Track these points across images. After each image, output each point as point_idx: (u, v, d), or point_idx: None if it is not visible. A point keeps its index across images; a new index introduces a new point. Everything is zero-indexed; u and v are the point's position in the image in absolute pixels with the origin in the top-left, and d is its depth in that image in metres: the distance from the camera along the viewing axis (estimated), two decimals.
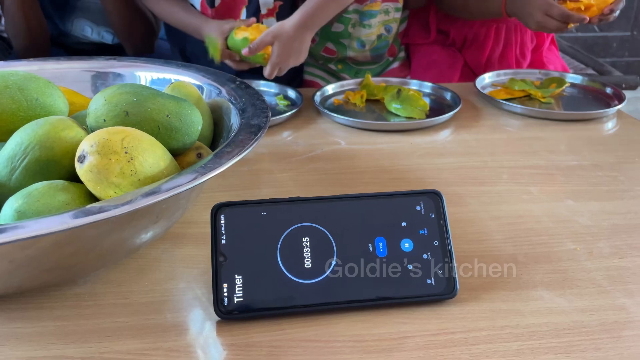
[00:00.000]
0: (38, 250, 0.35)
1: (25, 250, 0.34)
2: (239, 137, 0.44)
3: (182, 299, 0.42)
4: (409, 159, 0.67)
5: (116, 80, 0.58)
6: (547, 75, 0.94)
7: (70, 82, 0.58)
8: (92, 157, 0.36)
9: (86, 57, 0.61)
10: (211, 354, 0.37)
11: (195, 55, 1.03)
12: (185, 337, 0.38)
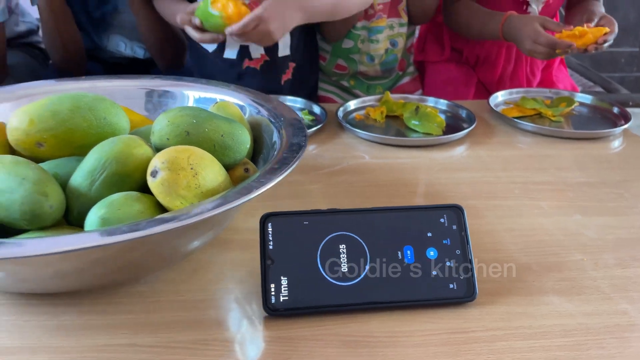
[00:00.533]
0: (115, 251, 0.40)
1: (107, 251, 0.40)
2: (282, 155, 0.50)
3: (232, 297, 0.48)
4: (428, 173, 0.72)
5: (166, 97, 0.64)
6: (557, 94, 0.99)
7: (121, 99, 0.64)
8: (163, 172, 0.42)
9: (135, 76, 0.67)
10: (260, 345, 0.43)
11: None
12: (237, 330, 0.44)
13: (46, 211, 0.41)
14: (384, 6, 1.07)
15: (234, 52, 1.01)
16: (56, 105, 0.48)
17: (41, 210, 0.41)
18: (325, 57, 1.12)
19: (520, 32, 0.94)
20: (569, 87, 1.13)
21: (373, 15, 1.08)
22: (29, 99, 0.62)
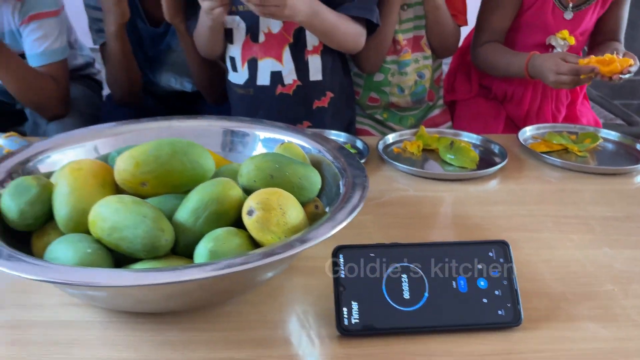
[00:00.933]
0: (218, 278, 0.48)
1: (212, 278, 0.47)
2: (350, 194, 0.57)
3: (307, 317, 0.55)
4: (466, 206, 0.79)
5: (239, 137, 0.72)
6: (582, 129, 1.06)
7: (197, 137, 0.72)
8: (258, 212, 0.50)
9: (211, 117, 0.75)
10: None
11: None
12: (315, 347, 0.51)
13: (162, 244, 0.49)
14: (407, 41, 1.16)
15: (267, 79, 1.07)
16: (157, 150, 0.57)
17: (159, 243, 0.49)
18: (358, 92, 1.20)
19: (542, 67, 1.01)
20: (592, 121, 1.20)
21: (400, 50, 1.16)
22: (117, 137, 0.71)
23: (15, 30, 1.12)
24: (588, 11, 1.11)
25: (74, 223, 0.53)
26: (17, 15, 1.10)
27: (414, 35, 1.15)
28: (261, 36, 1.04)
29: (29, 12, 1.10)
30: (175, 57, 1.19)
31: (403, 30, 1.14)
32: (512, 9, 1.12)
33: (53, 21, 1.12)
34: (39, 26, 1.10)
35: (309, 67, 1.06)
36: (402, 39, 1.13)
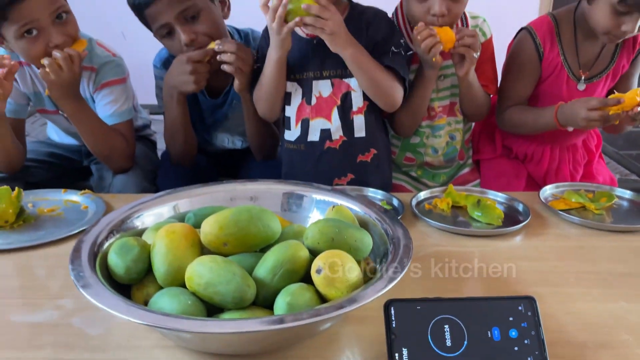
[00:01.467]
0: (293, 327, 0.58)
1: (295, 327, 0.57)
2: (397, 254, 0.67)
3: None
4: (493, 261, 0.88)
5: (297, 199, 0.83)
6: (598, 188, 1.15)
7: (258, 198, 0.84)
8: (325, 270, 0.61)
9: (269, 180, 0.87)
10: None
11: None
12: None
13: (248, 297, 0.60)
14: (443, 108, 1.28)
15: (317, 136, 1.19)
16: (236, 216, 0.68)
17: (246, 296, 0.59)
18: (395, 152, 1.32)
19: (572, 109, 1.12)
20: (608, 178, 1.30)
21: (435, 116, 1.28)
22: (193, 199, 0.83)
23: (89, 97, 1.27)
24: (599, 83, 1.23)
25: (170, 278, 0.64)
26: (91, 84, 1.26)
27: (450, 102, 1.27)
28: (313, 99, 1.17)
29: (101, 81, 1.26)
30: (230, 122, 1.34)
31: (440, 98, 1.27)
32: (532, 78, 1.24)
33: (121, 87, 1.28)
34: (110, 92, 1.26)
35: (354, 125, 1.18)
36: (437, 106, 1.26)
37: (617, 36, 1.13)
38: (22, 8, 1.08)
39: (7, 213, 0.96)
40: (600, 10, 1.11)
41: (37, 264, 0.87)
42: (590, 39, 1.20)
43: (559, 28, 1.23)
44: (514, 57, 1.28)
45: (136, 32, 2.07)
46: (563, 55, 1.23)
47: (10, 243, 0.91)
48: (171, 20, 1.14)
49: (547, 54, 1.23)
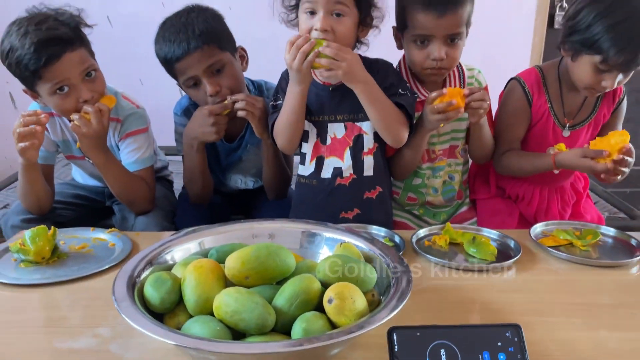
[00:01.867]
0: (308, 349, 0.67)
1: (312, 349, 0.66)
2: (399, 287, 0.76)
3: None
4: (487, 293, 0.97)
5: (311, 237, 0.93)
6: (584, 226, 1.24)
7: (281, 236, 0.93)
8: (336, 300, 0.70)
9: (283, 219, 0.97)
10: None
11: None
12: None
13: (269, 323, 0.69)
14: (443, 151, 1.39)
15: (329, 173, 1.30)
16: (256, 252, 0.78)
17: (267, 323, 0.68)
18: (398, 192, 1.42)
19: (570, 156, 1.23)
20: (595, 217, 1.39)
21: (435, 158, 1.39)
22: (216, 236, 0.92)
23: (114, 145, 1.39)
24: (582, 130, 1.34)
25: (200, 307, 0.74)
26: (117, 133, 1.38)
27: (450, 145, 1.38)
28: (328, 140, 1.28)
29: (126, 131, 1.38)
30: (243, 165, 1.45)
31: (441, 142, 1.38)
32: (524, 123, 1.36)
33: (143, 136, 1.39)
34: (133, 141, 1.37)
35: (364, 164, 1.29)
36: (438, 149, 1.37)
37: (597, 90, 1.25)
38: (55, 68, 1.20)
39: (44, 250, 1.06)
40: (583, 67, 1.23)
41: (73, 297, 0.96)
42: (574, 90, 1.32)
43: (545, 79, 1.35)
44: (506, 104, 1.40)
45: (152, 79, 2.23)
46: (550, 104, 1.34)
47: (48, 277, 1.00)
48: (199, 73, 1.27)
49: (536, 101, 1.35)
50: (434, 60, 1.24)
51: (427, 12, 1.21)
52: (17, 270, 1.04)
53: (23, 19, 1.23)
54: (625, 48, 1.17)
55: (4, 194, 1.88)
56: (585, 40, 1.20)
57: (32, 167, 1.26)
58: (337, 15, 1.15)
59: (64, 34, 1.21)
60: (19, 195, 1.34)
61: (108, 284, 0.97)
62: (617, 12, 1.17)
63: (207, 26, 1.27)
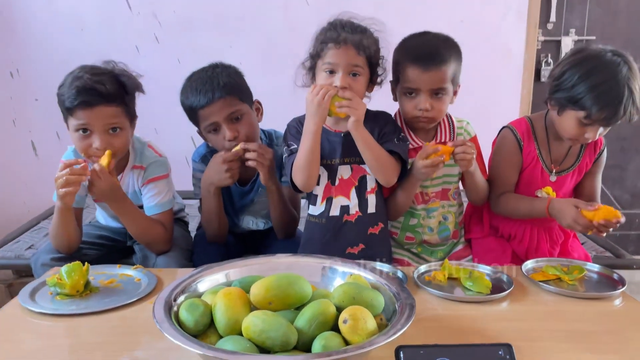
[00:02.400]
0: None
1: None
2: (405, 311, 0.87)
3: None
4: (482, 322, 1.07)
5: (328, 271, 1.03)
6: (571, 263, 1.35)
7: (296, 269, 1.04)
8: (350, 321, 0.80)
9: (299, 254, 1.08)
10: None
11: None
12: None
13: (292, 341, 0.79)
14: (436, 194, 1.51)
15: (338, 211, 1.41)
16: (278, 281, 0.89)
17: (290, 340, 0.79)
18: (397, 232, 1.54)
19: (562, 212, 1.35)
20: (582, 255, 1.50)
21: (428, 200, 1.51)
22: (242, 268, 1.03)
23: (137, 190, 1.52)
24: (568, 176, 1.48)
25: (229, 329, 0.84)
26: (140, 179, 1.50)
27: (442, 189, 1.51)
28: (337, 181, 1.41)
29: (148, 177, 1.51)
30: (256, 206, 1.57)
31: (433, 185, 1.50)
32: (517, 167, 1.50)
33: (164, 182, 1.52)
34: (155, 186, 1.50)
35: (368, 202, 1.41)
36: (431, 192, 1.49)
37: (580, 141, 1.39)
38: (85, 113, 1.35)
39: (79, 284, 1.16)
40: (568, 121, 1.37)
41: (108, 324, 1.05)
42: (559, 139, 1.46)
43: (534, 128, 1.49)
44: (499, 149, 1.53)
45: (166, 129, 2.38)
46: (538, 150, 1.48)
47: (84, 308, 1.10)
48: (220, 120, 1.42)
49: (526, 147, 1.49)
50: (420, 110, 1.38)
51: (414, 67, 1.37)
52: (54, 302, 1.14)
53: (88, 66, 1.40)
54: (606, 106, 1.30)
55: (29, 236, 1.98)
56: (570, 97, 1.34)
57: (68, 210, 1.38)
58: (354, 75, 1.32)
59: (106, 89, 1.36)
60: (51, 235, 1.45)
61: (138, 314, 1.08)
62: (598, 75, 1.31)
63: (230, 80, 1.44)
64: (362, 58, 1.32)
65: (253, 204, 1.58)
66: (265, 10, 2.52)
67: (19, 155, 2.60)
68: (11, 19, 2.49)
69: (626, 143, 2.77)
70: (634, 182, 2.84)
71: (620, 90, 1.29)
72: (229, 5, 2.50)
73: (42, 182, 2.52)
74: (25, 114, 2.56)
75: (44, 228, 2.06)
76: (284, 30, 2.50)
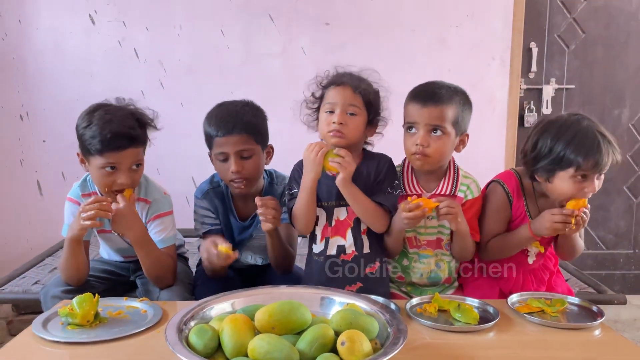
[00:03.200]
0: None
1: None
2: (399, 337, 0.95)
3: None
4: (471, 350, 1.14)
5: (322, 299, 1.11)
6: (554, 296, 1.43)
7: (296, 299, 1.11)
8: (347, 343, 0.88)
9: (301, 286, 1.17)
10: None
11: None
12: None
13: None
14: (428, 242, 1.57)
15: (335, 250, 1.50)
16: (281, 307, 0.97)
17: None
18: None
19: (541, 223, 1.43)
20: (565, 290, 1.58)
21: (420, 246, 1.57)
22: (246, 298, 1.11)
23: (144, 224, 1.60)
24: None
25: (236, 351, 0.91)
26: (145, 213, 1.59)
27: (437, 238, 1.57)
28: (334, 222, 1.50)
29: (155, 213, 1.59)
30: (254, 241, 1.65)
31: (427, 233, 1.56)
32: (506, 219, 1.57)
33: (169, 218, 1.61)
34: (161, 222, 1.59)
35: (363, 242, 1.50)
36: (422, 239, 1.56)
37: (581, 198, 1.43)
38: (115, 155, 1.44)
39: (90, 314, 1.23)
40: (562, 183, 1.41)
41: (119, 352, 1.11)
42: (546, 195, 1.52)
43: (522, 182, 1.57)
44: (490, 202, 1.58)
45: (167, 170, 2.48)
46: (526, 206, 1.56)
47: (94, 337, 1.16)
48: (230, 153, 1.52)
49: (515, 203, 1.56)
50: (417, 145, 1.47)
51: (413, 102, 1.48)
52: (65, 331, 1.20)
53: (111, 107, 1.50)
54: (589, 153, 1.36)
55: (35, 272, 2.05)
56: (553, 160, 1.41)
57: (79, 242, 1.46)
58: (351, 114, 1.43)
59: (135, 132, 1.47)
60: (61, 267, 1.52)
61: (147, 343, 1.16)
62: (567, 131, 1.41)
63: (252, 120, 1.55)
64: (359, 99, 1.43)
65: (252, 238, 1.66)
66: (265, 59, 2.68)
67: (25, 195, 2.68)
68: (22, 65, 2.62)
69: (608, 185, 2.89)
70: (616, 222, 2.96)
71: (593, 136, 1.39)
72: (231, 53, 2.66)
73: (46, 220, 2.61)
74: (33, 154, 2.66)
75: (49, 264, 2.12)
76: (282, 77, 2.65)
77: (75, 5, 2.60)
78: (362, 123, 1.46)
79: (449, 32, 2.70)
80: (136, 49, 2.64)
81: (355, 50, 2.63)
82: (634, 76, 2.89)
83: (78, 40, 2.62)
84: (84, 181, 1.61)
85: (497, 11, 2.71)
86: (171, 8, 2.63)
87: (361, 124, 1.45)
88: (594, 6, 2.84)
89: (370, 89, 1.47)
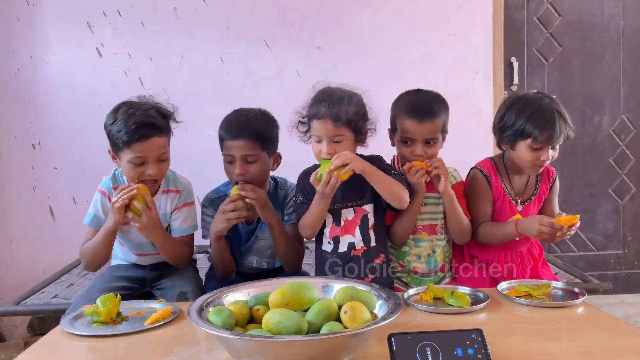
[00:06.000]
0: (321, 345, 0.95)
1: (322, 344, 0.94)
2: (396, 308, 1.06)
3: None
4: (465, 327, 1.25)
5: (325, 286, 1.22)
6: (539, 282, 1.55)
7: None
8: (350, 312, 0.99)
9: (306, 276, 1.28)
10: None
11: None
12: None
13: (304, 329, 0.97)
14: (423, 227, 1.72)
15: (345, 247, 1.62)
16: (290, 287, 1.09)
17: (302, 328, 0.97)
18: (392, 259, 1.73)
19: (528, 227, 1.57)
20: (551, 279, 1.70)
21: (415, 232, 1.71)
22: (258, 287, 1.22)
23: (168, 213, 1.73)
24: (531, 204, 1.72)
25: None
26: (173, 203, 1.73)
27: (429, 224, 1.73)
28: (342, 222, 1.63)
29: (184, 201, 1.75)
30: (259, 245, 1.77)
31: (421, 218, 1.72)
32: (489, 200, 1.74)
33: (193, 208, 1.77)
34: (188, 210, 1.75)
35: (370, 237, 1.62)
36: (418, 224, 1.71)
37: (539, 165, 1.64)
38: (142, 145, 1.57)
39: (113, 312, 1.33)
40: (522, 152, 1.65)
41: (141, 342, 1.22)
42: (518, 173, 1.72)
43: (497, 166, 1.75)
44: (471, 187, 1.77)
45: None
46: (504, 184, 1.73)
47: (120, 330, 1.27)
48: (237, 156, 1.65)
49: (494, 183, 1.73)
50: (415, 156, 1.63)
51: (410, 120, 1.63)
52: (90, 328, 1.31)
53: (133, 103, 1.64)
54: (545, 127, 1.59)
55: (53, 287, 2.16)
56: (515, 131, 1.63)
57: (115, 232, 1.63)
58: (337, 142, 1.55)
59: (158, 122, 1.60)
60: (87, 254, 1.66)
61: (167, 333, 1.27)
62: (529, 107, 1.63)
63: (261, 127, 1.68)
64: (341, 127, 1.53)
65: (257, 240, 1.77)
66: (262, 82, 2.85)
67: (38, 220, 2.80)
68: (34, 97, 2.78)
69: (594, 189, 3.03)
70: (604, 224, 3.08)
71: (550, 113, 1.60)
72: (230, 78, 2.83)
73: (58, 243, 2.72)
74: (45, 181, 2.79)
75: (65, 281, 2.24)
76: (278, 98, 2.80)
77: (83, 39, 2.78)
78: (351, 143, 1.58)
79: (434, 50, 2.88)
80: (141, 78, 2.80)
81: (346, 70, 2.80)
82: (610, 84, 3.07)
83: (86, 72, 2.79)
84: (114, 175, 1.75)
85: (478, 29, 2.90)
86: (173, 39, 2.81)
87: (350, 144, 1.57)
88: (569, 21, 3.03)
89: (351, 110, 1.53)
